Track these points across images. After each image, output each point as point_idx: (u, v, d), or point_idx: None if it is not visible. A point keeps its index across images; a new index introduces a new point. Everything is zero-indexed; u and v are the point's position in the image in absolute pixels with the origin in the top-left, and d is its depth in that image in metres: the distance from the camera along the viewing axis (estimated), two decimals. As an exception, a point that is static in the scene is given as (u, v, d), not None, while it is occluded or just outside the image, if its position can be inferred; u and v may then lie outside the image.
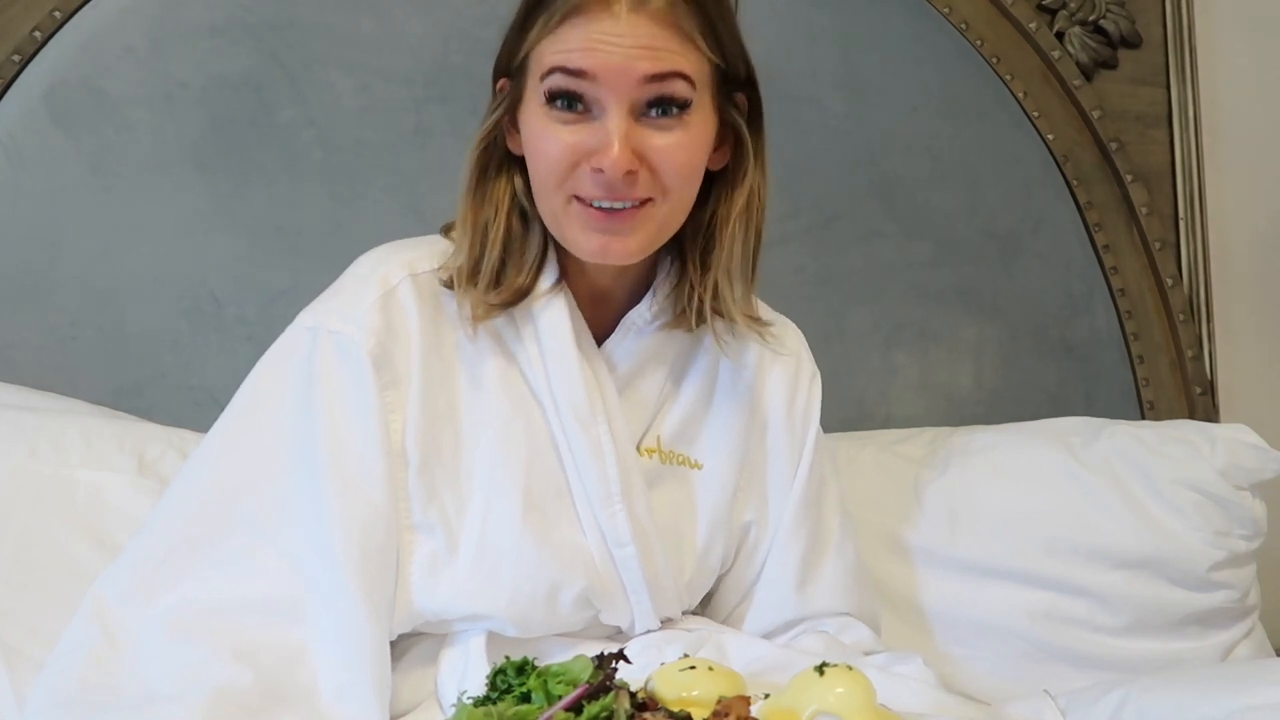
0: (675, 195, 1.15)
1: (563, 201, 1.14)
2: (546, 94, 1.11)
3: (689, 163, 1.15)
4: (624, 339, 1.24)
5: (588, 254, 1.15)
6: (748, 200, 1.20)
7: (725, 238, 1.20)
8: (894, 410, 1.88)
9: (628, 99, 1.10)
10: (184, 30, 1.66)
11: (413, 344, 1.16)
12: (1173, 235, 1.99)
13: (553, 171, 1.12)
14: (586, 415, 1.18)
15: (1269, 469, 1.66)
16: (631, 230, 1.14)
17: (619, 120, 1.10)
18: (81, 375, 1.62)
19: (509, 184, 1.19)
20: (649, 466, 1.24)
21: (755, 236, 1.22)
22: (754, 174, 1.20)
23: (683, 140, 1.13)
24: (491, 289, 1.17)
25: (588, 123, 1.11)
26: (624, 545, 1.19)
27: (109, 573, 1.14)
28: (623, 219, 1.13)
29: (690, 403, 1.28)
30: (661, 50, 1.10)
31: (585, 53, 1.09)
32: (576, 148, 1.11)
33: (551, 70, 1.11)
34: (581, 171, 1.12)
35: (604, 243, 1.14)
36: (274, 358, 1.19)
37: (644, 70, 1.09)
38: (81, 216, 1.63)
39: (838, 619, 1.33)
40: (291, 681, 1.06)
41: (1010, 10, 1.92)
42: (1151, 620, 1.61)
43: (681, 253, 1.24)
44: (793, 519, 1.31)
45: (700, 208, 1.21)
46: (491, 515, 1.17)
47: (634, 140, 1.10)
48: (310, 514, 1.12)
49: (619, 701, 0.90)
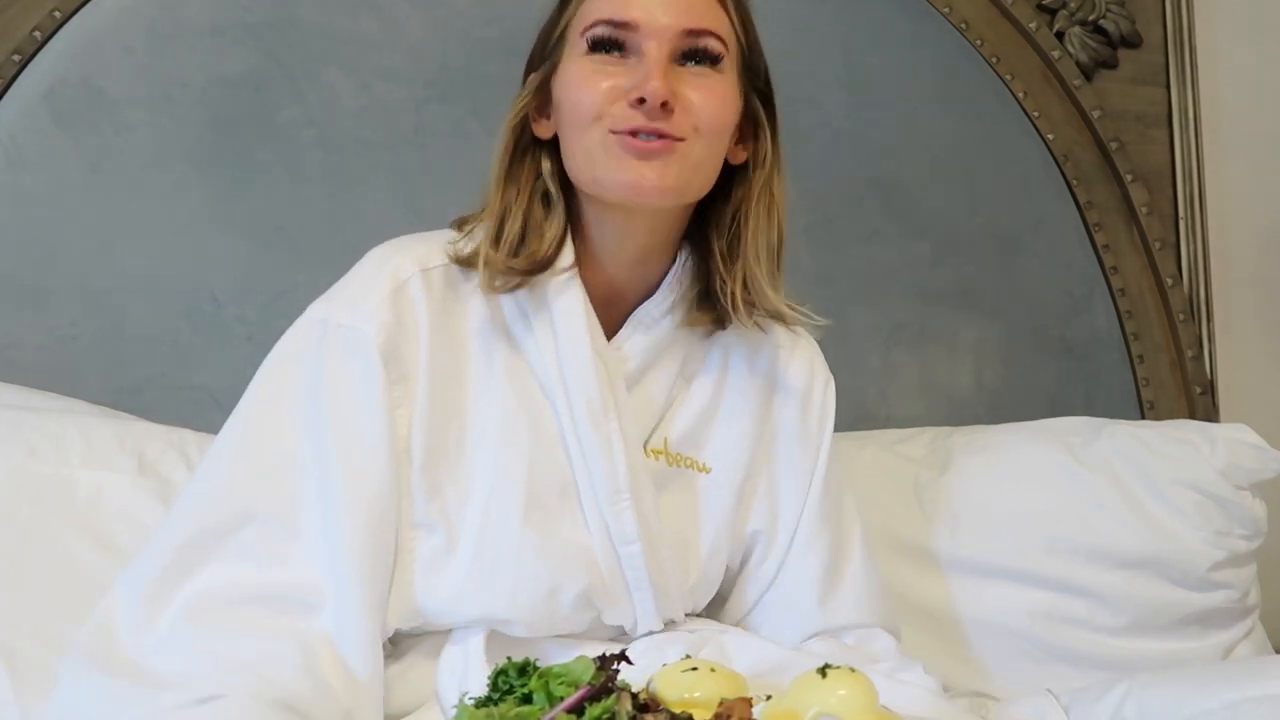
0: (706, 140, 1.17)
1: (599, 136, 1.15)
2: (589, 43, 1.16)
3: (721, 111, 1.18)
4: (634, 334, 1.24)
5: (622, 187, 1.16)
6: (771, 191, 1.23)
7: (750, 227, 1.22)
8: (894, 410, 1.88)
9: (667, 46, 1.15)
10: (184, 30, 1.66)
11: (422, 339, 1.16)
12: (1173, 235, 1.99)
13: (592, 106, 1.15)
14: (599, 411, 1.18)
15: (1269, 469, 1.66)
16: (665, 164, 1.15)
17: (658, 57, 1.15)
18: (81, 375, 1.62)
19: (535, 167, 1.21)
20: (656, 468, 1.24)
21: (778, 231, 1.24)
22: (774, 165, 1.23)
23: (715, 88, 1.18)
24: (512, 256, 1.17)
25: (626, 65, 1.16)
26: (630, 543, 1.19)
27: (125, 576, 1.13)
28: (659, 149, 1.14)
29: (699, 405, 1.27)
30: (699, 7, 1.17)
31: (628, 4, 1.15)
32: (616, 86, 1.15)
33: (595, 23, 1.16)
34: (619, 106, 1.14)
35: (639, 175, 1.15)
36: (285, 349, 1.19)
37: (684, 24, 1.16)
38: (81, 216, 1.63)
39: (861, 630, 1.32)
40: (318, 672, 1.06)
41: (1010, 10, 1.92)
42: (1152, 620, 1.61)
43: (700, 249, 1.25)
44: (810, 529, 1.30)
45: (723, 202, 1.23)
46: (493, 512, 1.16)
47: (672, 80, 1.15)
48: (319, 502, 1.12)
49: (621, 703, 0.90)
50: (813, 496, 1.31)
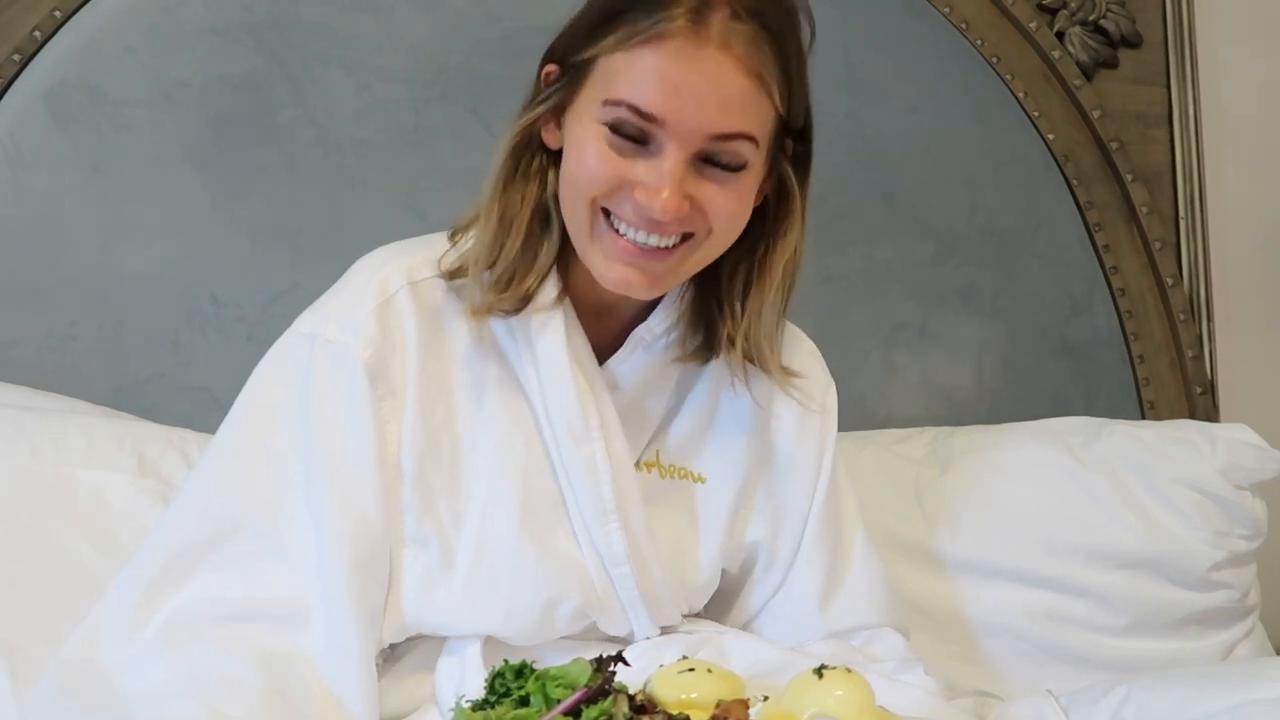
0: (718, 238, 1.12)
1: (592, 216, 1.10)
2: (610, 123, 1.07)
3: (738, 214, 1.12)
4: (630, 355, 1.21)
5: (609, 283, 1.11)
6: (794, 250, 1.18)
7: (768, 286, 1.17)
8: (894, 410, 1.88)
9: (690, 148, 1.07)
10: (184, 30, 1.66)
11: (410, 353, 1.14)
12: (1173, 235, 1.99)
13: (594, 186, 1.09)
14: (580, 433, 1.16)
15: (1269, 469, 1.66)
16: (665, 270, 1.11)
17: (676, 164, 1.06)
18: (81, 375, 1.62)
19: (540, 182, 1.15)
20: (648, 481, 1.22)
21: (790, 287, 1.20)
22: (800, 225, 1.18)
23: (733, 196, 1.11)
24: (502, 291, 1.14)
25: (643, 156, 1.08)
26: (619, 564, 1.17)
27: (119, 581, 1.13)
28: (658, 257, 1.10)
29: (694, 415, 1.25)
30: (734, 106, 1.07)
31: (662, 97, 1.05)
32: (625, 176, 1.08)
33: (621, 103, 1.06)
34: (624, 195, 1.08)
35: (629, 276, 1.10)
36: (273, 362, 1.18)
37: (713, 128, 1.06)
38: (81, 216, 1.63)
39: (869, 631, 1.30)
40: (299, 688, 1.06)
41: (1010, 10, 1.92)
42: (1152, 620, 1.61)
43: (704, 284, 1.21)
44: (813, 538, 1.28)
45: (737, 244, 1.16)
46: (489, 529, 1.15)
47: (687, 185, 1.07)
48: (307, 517, 1.11)
49: (618, 705, 0.90)
50: (817, 505, 1.29)
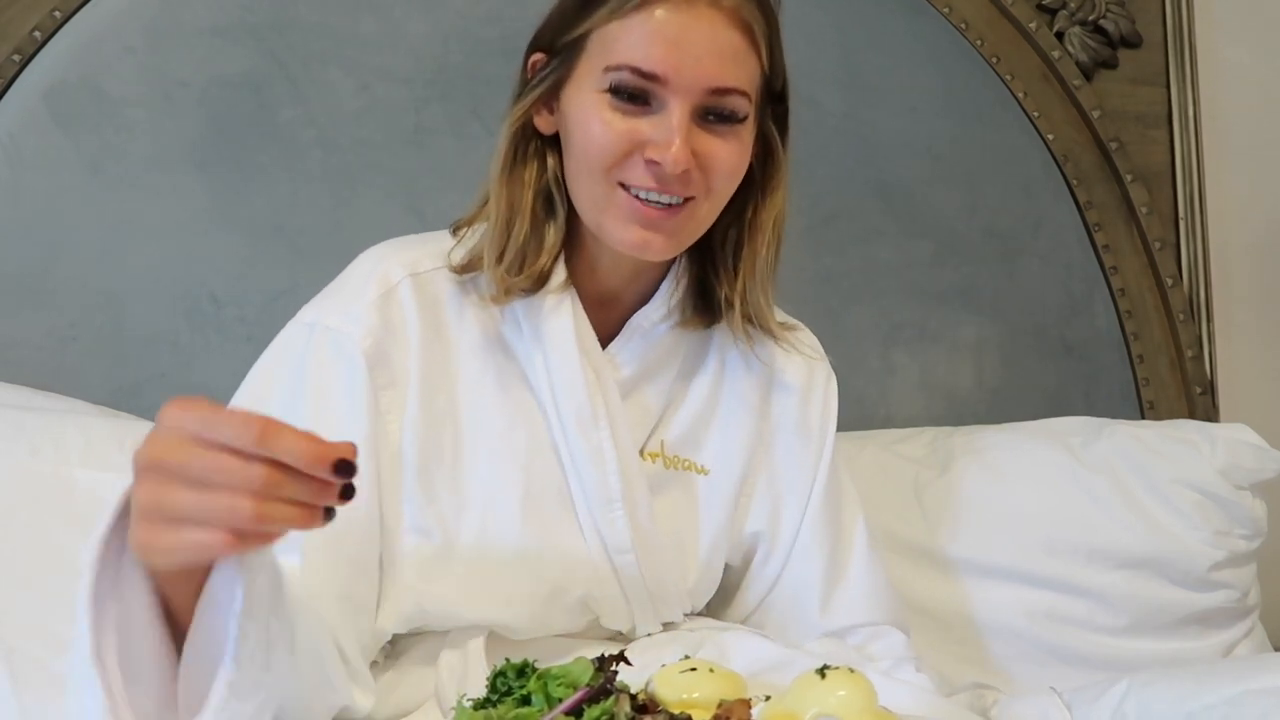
0: (717, 196, 1.16)
1: (608, 189, 1.12)
2: (611, 86, 1.10)
3: (738, 168, 1.16)
4: (630, 341, 1.23)
5: (626, 246, 1.14)
6: (780, 207, 1.21)
7: (759, 243, 1.21)
8: (894, 410, 1.88)
9: (691, 103, 1.10)
10: (184, 30, 1.66)
11: (411, 344, 1.15)
12: (1173, 235, 1.99)
13: (604, 155, 1.11)
14: (588, 420, 1.17)
15: (1269, 469, 1.66)
16: (675, 229, 1.14)
17: (681, 118, 1.09)
18: (81, 375, 1.62)
19: (540, 168, 1.18)
20: (652, 471, 1.23)
21: (778, 245, 1.23)
22: (785, 183, 1.21)
23: (735, 147, 1.14)
24: (516, 274, 1.16)
25: (647, 115, 1.11)
26: (624, 552, 1.18)
27: None
28: (669, 215, 1.12)
29: (696, 406, 1.26)
30: (729, 59, 1.10)
31: (660, 53, 1.08)
32: (633, 137, 1.10)
33: (622, 67, 1.09)
34: (634, 160, 1.11)
35: (645, 238, 1.13)
36: (274, 352, 1.18)
37: (712, 82, 1.10)
38: (81, 216, 1.63)
39: (869, 629, 1.30)
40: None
41: (1010, 10, 1.92)
42: (1152, 620, 1.61)
43: (698, 255, 1.24)
44: (811, 530, 1.29)
45: (726, 211, 1.20)
46: (491, 519, 1.16)
47: (692, 140, 1.10)
48: None
49: (619, 705, 0.90)
50: (815, 495, 1.29)
